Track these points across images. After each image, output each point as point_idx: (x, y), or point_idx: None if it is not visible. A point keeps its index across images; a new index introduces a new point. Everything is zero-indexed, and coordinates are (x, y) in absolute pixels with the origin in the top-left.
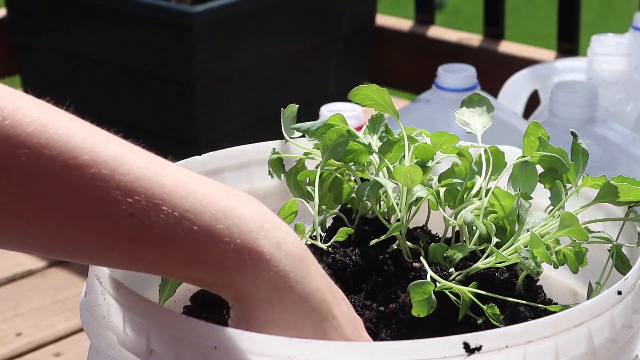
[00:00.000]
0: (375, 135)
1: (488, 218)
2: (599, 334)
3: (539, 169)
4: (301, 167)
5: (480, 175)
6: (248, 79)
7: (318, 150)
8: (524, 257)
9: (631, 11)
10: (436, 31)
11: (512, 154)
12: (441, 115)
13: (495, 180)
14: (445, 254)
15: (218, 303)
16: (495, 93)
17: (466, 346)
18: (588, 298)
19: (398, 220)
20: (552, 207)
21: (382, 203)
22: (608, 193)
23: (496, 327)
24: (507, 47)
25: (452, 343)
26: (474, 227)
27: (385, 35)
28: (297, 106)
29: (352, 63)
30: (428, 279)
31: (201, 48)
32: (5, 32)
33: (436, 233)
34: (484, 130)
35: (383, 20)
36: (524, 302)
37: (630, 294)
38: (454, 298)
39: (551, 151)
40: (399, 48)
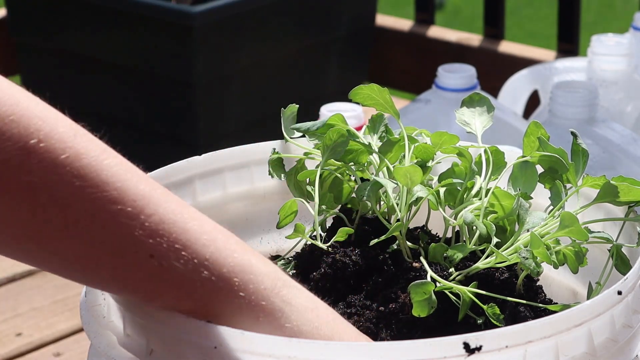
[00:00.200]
0: (375, 135)
1: (488, 218)
2: (599, 334)
3: (539, 169)
4: (301, 167)
5: (480, 175)
6: (248, 79)
7: (318, 150)
8: (524, 257)
9: (631, 11)
10: (436, 31)
11: (512, 154)
12: (441, 115)
13: (495, 180)
14: (445, 254)
15: None
16: (495, 93)
17: (466, 346)
18: (588, 298)
19: (398, 220)
20: (552, 207)
21: (382, 203)
22: (608, 193)
23: (496, 327)
24: (507, 47)
25: (452, 343)
26: (474, 227)
27: (385, 35)
28: (297, 106)
29: (352, 63)
30: (428, 279)
31: (201, 48)
32: (5, 32)
33: (436, 233)
34: (484, 130)
35: (383, 20)
36: (524, 302)
37: (630, 294)
38: (454, 298)
39: (551, 151)
40: (399, 48)
